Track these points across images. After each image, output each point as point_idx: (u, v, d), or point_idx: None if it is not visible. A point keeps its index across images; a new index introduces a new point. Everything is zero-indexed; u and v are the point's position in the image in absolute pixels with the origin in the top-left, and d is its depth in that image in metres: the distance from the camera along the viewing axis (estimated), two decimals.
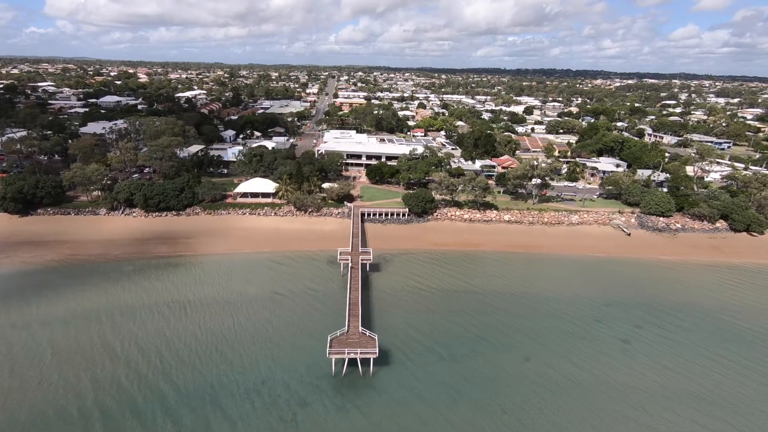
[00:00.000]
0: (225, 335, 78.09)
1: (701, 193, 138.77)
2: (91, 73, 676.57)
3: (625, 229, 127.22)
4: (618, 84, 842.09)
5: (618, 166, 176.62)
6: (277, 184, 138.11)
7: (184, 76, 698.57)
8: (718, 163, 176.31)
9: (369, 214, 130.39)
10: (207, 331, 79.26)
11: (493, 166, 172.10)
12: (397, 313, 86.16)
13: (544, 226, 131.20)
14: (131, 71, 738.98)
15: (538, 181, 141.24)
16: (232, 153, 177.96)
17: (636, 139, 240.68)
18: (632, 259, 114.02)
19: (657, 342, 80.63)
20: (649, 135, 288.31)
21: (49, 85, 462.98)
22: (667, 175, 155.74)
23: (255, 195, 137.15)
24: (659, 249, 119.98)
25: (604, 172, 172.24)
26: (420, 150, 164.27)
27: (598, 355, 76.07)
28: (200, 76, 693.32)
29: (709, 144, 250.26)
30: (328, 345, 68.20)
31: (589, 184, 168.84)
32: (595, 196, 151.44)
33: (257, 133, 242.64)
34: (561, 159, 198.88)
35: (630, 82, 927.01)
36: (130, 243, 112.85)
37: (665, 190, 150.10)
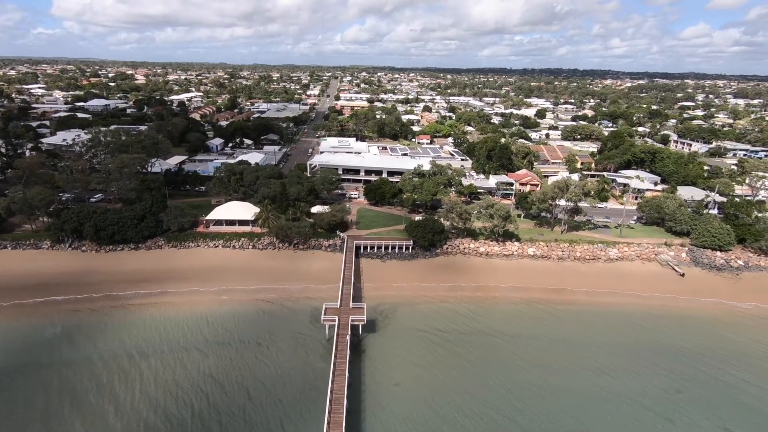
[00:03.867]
0: None
1: (765, 220, 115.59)
2: (88, 74, 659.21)
3: (676, 268, 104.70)
4: (629, 84, 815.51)
5: (656, 183, 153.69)
6: (258, 209, 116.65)
7: (183, 77, 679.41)
8: None
9: (366, 248, 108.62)
10: None
11: (511, 184, 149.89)
12: (395, 410, 63.88)
13: (576, 261, 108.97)
14: (129, 72, 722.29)
15: (567, 204, 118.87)
16: (214, 167, 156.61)
17: (665, 147, 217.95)
18: (692, 310, 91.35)
19: None
20: (675, 142, 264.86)
21: (39, 88, 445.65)
22: (723, 198, 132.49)
23: (231, 222, 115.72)
24: (722, 294, 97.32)
25: (639, 190, 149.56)
26: (426, 166, 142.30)
27: None
28: (199, 78, 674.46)
29: (746, 154, 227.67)
30: None
31: (622, 204, 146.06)
32: (633, 222, 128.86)
33: (248, 142, 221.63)
34: (585, 172, 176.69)
35: (641, 82, 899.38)
36: (67, 287, 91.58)
37: (714, 213, 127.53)
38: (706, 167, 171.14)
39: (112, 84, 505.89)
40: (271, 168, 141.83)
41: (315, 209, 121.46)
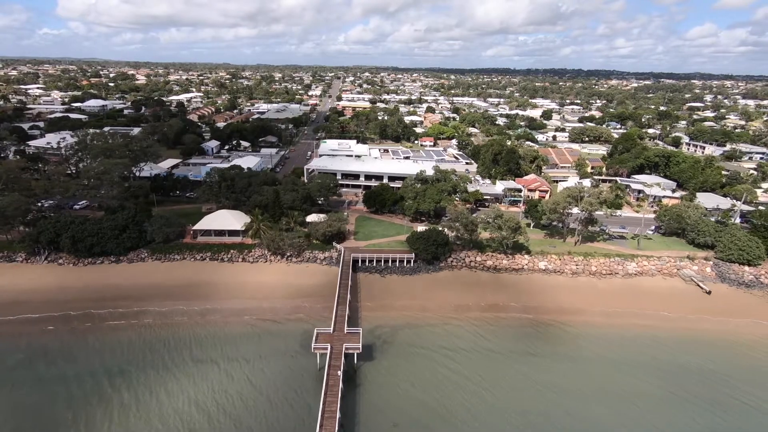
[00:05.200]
0: None
1: None
2: (89, 74, 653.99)
3: (701, 284, 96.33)
4: (635, 84, 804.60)
5: (674, 190, 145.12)
6: (250, 219, 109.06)
7: (184, 77, 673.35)
8: None
9: (364, 261, 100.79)
10: None
11: (519, 190, 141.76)
12: None
13: (591, 277, 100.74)
14: (131, 72, 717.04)
15: (581, 212, 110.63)
16: (206, 171, 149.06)
17: (679, 151, 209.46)
18: (724, 332, 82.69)
19: None
20: (687, 144, 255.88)
21: (37, 88, 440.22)
22: (747, 206, 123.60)
23: (220, 233, 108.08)
24: (754, 313, 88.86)
25: (654, 197, 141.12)
26: (429, 171, 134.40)
27: None
28: (201, 78, 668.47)
29: (762, 157, 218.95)
30: None
31: (637, 212, 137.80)
32: (650, 232, 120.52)
33: (245, 144, 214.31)
34: (596, 177, 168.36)
35: (647, 82, 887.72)
36: (42, 304, 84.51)
37: (739, 222, 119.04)
38: (724, 172, 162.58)
39: (112, 84, 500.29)
40: (265, 173, 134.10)
41: (310, 218, 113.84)
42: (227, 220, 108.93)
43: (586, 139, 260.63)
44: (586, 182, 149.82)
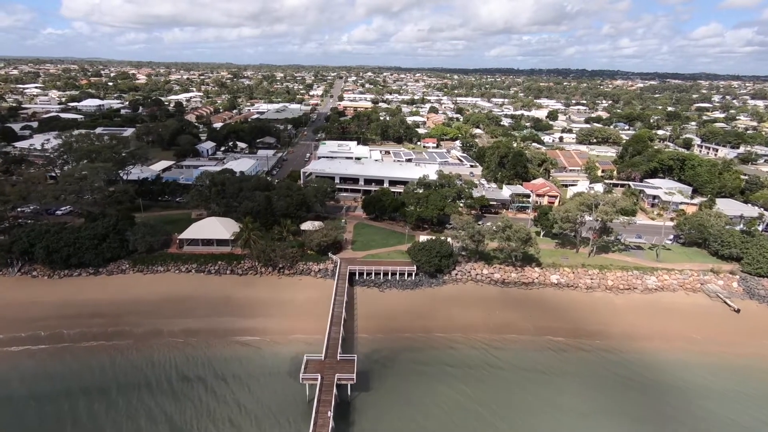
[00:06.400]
0: None
1: None
2: (89, 73, 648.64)
3: (728, 301, 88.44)
4: (641, 84, 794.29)
5: (691, 196, 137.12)
6: (240, 227, 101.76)
7: (185, 77, 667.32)
8: None
9: (362, 274, 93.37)
10: None
11: (528, 195, 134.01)
12: None
13: (608, 292, 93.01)
14: (132, 72, 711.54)
15: (595, 220, 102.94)
16: (197, 175, 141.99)
17: (694, 153, 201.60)
18: (764, 358, 74.91)
19: None
20: (699, 146, 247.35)
21: (35, 87, 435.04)
22: None
23: (208, 242, 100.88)
24: None
25: (672, 203, 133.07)
26: (432, 175, 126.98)
27: None
28: (202, 78, 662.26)
29: None
30: None
31: (654, 219, 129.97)
32: (668, 241, 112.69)
33: (242, 145, 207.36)
34: (608, 181, 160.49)
35: (653, 82, 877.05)
36: (10, 322, 77.36)
37: (762, 230, 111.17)
38: (743, 176, 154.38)
39: (111, 84, 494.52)
40: (258, 177, 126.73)
41: (305, 226, 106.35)
42: (216, 228, 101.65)
43: (594, 140, 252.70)
44: (598, 187, 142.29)
